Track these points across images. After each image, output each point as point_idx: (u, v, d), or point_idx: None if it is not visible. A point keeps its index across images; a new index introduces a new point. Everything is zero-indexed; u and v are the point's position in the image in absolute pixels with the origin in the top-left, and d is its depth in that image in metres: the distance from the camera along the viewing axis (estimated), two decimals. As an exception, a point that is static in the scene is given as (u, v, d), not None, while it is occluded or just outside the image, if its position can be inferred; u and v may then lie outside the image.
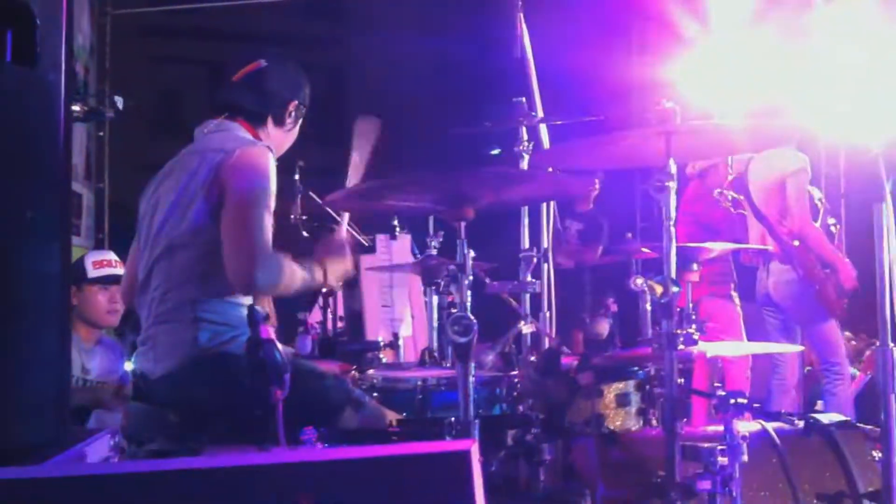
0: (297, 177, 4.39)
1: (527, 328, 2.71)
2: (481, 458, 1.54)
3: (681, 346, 2.16)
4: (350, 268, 2.87)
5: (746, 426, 2.19)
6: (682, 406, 2.12)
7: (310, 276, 2.68)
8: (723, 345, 4.77)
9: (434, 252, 3.31)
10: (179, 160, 2.71)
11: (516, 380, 2.49)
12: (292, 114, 2.85)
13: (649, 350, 2.53)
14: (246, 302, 2.59)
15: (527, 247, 2.93)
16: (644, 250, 3.00)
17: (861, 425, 2.61)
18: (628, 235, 3.53)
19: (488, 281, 2.69)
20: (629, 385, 2.51)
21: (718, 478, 2.08)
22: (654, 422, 2.51)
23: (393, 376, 3.17)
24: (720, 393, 2.24)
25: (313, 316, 4.10)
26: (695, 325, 2.38)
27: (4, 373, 1.59)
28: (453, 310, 2.11)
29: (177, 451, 2.22)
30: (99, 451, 1.87)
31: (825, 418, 2.55)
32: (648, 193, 2.27)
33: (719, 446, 2.10)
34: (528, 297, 2.80)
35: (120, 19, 6.88)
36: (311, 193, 4.34)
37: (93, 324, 3.98)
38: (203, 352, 2.53)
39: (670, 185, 2.19)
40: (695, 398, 2.90)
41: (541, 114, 3.17)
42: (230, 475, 1.46)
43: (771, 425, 2.50)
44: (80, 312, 3.92)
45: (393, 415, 2.71)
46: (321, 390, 2.62)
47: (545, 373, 2.34)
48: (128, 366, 3.84)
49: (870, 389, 5.50)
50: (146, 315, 2.67)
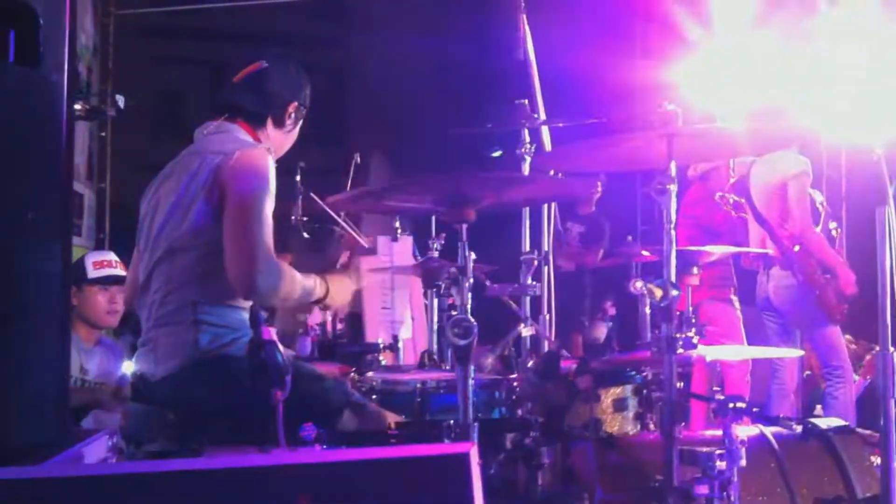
0: (297, 178, 4.40)
1: (526, 331, 2.71)
2: (480, 461, 1.54)
3: (680, 350, 2.16)
4: (351, 296, 2.88)
5: (745, 431, 2.19)
6: (681, 410, 2.12)
7: (311, 287, 2.67)
8: (722, 349, 4.79)
9: (435, 254, 3.31)
10: (179, 162, 2.71)
11: (515, 383, 2.49)
12: (292, 115, 2.85)
13: (648, 354, 2.54)
14: (246, 304, 2.59)
15: (527, 250, 2.93)
16: (644, 253, 3.00)
17: (859, 430, 2.61)
18: (629, 238, 3.53)
19: (489, 283, 2.69)
20: (626, 390, 2.51)
21: (716, 482, 2.08)
22: (651, 426, 2.51)
23: (392, 379, 3.17)
24: (719, 397, 2.24)
25: (313, 318, 4.10)
26: (694, 329, 2.39)
27: (5, 373, 1.59)
28: (453, 312, 2.11)
29: (177, 453, 2.21)
30: (97, 452, 1.87)
31: (824, 423, 2.56)
32: (649, 196, 2.26)
33: (717, 451, 2.10)
34: (528, 299, 2.80)
35: (123, 20, 6.90)
36: (311, 194, 4.35)
37: (92, 324, 3.98)
38: (203, 354, 2.53)
39: (671, 187, 2.19)
40: (693, 402, 2.90)
41: (543, 116, 3.17)
42: (230, 477, 1.46)
43: (769, 430, 2.50)
44: (80, 313, 3.92)
45: (393, 417, 2.71)
46: (321, 393, 2.62)
47: (544, 376, 2.34)
48: (126, 367, 3.84)
49: (869, 394, 5.50)
50: (146, 317, 2.66)
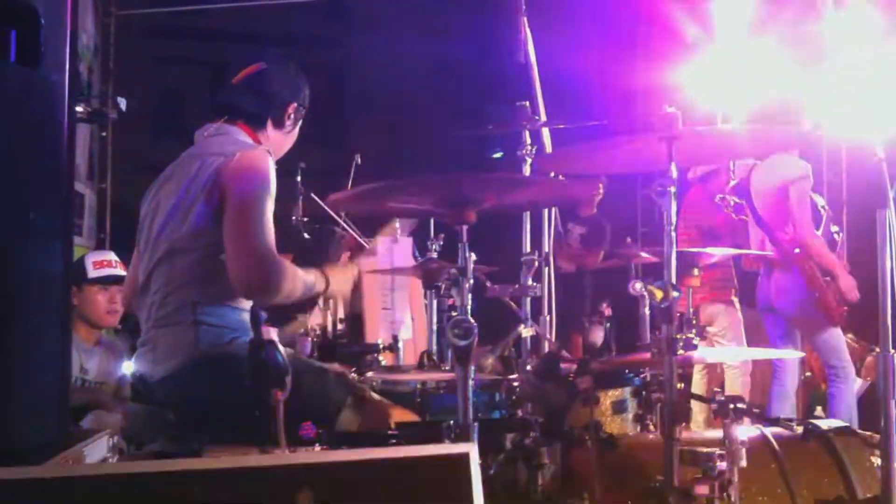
0: (298, 178, 4.40)
1: (527, 332, 2.71)
2: (480, 462, 1.54)
3: (680, 352, 2.16)
4: (351, 285, 2.88)
5: (745, 431, 2.18)
6: (682, 411, 2.11)
7: (312, 282, 2.68)
8: (723, 350, 4.79)
9: (435, 255, 3.31)
10: (180, 164, 2.72)
11: (516, 384, 2.49)
12: (291, 116, 2.85)
13: (647, 355, 2.54)
14: (246, 305, 2.59)
15: (528, 251, 2.93)
16: (644, 255, 3.00)
17: (860, 431, 2.61)
18: (628, 240, 3.53)
19: (489, 284, 2.69)
20: (626, 391, 2.51)
21: (717, 483, 2.08)
22: (651, 427, 2.51)
23: (392, 379, 3.17)
24: (719, 398, 2.24)
25: (313, 319, 4.10)
26: (695, 331, 2.39)
27: (5, 373, 1.59)
28: (454, 313, 2.11)
29: (177, 453, 2.21)
30: (97, 452, 1.87)
31: (824, 424, 2.55)
32: (650, 198, 2.26)
33: (718, 451, 2.10)
34: (528, 300, 2.80)
35: (124, 20, 6.89)
36: (312, 195, 4.35)
37: (93, 324, 3.98)
38: (203, 354, 2.54)
39: (672, 189, 2.19)
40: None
41: (544, 117, 3.17)
42: (230, 477, 1.46)
43: (770, 430, 2.49)
44: (80, 312, 3.93)
45: (397, 409, 2.72)
46: (323, 387, 2.62)
47: (545, 377, 2.34)
48: (126, 368, 3.84)
49: (870, 395, 5.50)
50: (146, 318, 2.67)
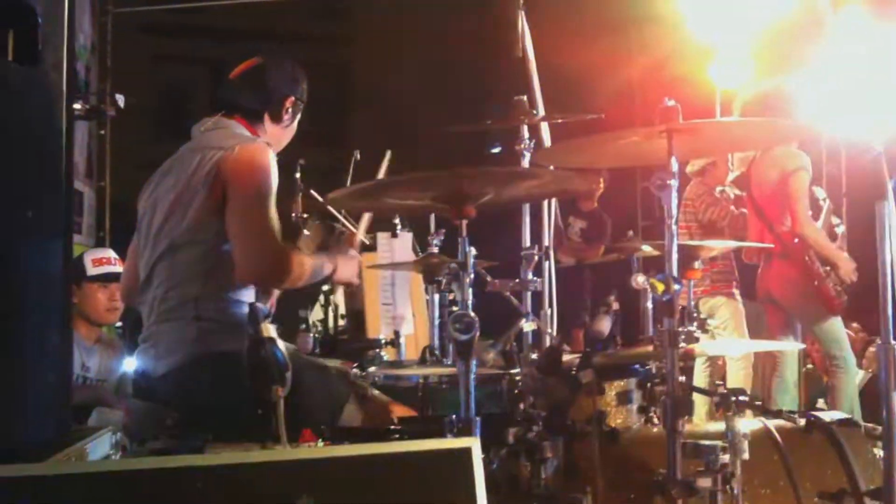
0: (298, 175, 4.39)
1: (528, 326, 2.71)
2: (482, 456, 1.54)
3: (682, 344, 2.16)
4: (357, 271, 2.88)
5: (748, 424, 2.18)
6: (684, 404, 2.11)
7: (320, 266, 2.68)
8: (724, 343, 4.79)
9: (435, 250, 3.31)
10: (178, 159, 2.71)
11: (517, 378, 2.49)
12: (289, 110, 2.85)
13: (651, 348, 2.54)
14: (248, 300, 2.59)
15: (528, 245, 2.93)
16: (645, 248, 3.00)
17: (862, 423, 2.61)
18: (629, 233, 3.53)
19: (489, 279, 2.69)
20: (630, 383, 2.51)
21: (720, 475, 2.08)
22: (655, 419, 2.51)
23: (394, 374, 3.17)
24: (721, 391, 2.24)
25: (314, 314, 4.10)
26: (696, 324, 2.39)
27: (7, 371, 1.59)
28: (455, 308, 2.11)
29: (178, 449, 2.21)
30: (100, 449, 1.87)
31: (826, 416, 2.55)
32: (650, 191, 2.26)
33: (720, 444, 2.10)
34: (529, 295, 2.80)
35: (121, 18, 6.88)
36: (312, 191, 4.35)
37: (93, 321, 3.98)
38: (205, 350, 2.53)
39: (672, 183, 2.19)
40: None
41: (542, 112, 3.17)
42: (232, 473, 1.46)
43: (772, 423, 2.50)
44: (80, 310, 3.92)
45: (398, 406, 2.72)
46: (324, 384, 2.62)
47: (546, 371, 2.33)
48: (128, 364, 3.84)
49: (871, 387, 5.50)
50: (148, 313, 2.67)
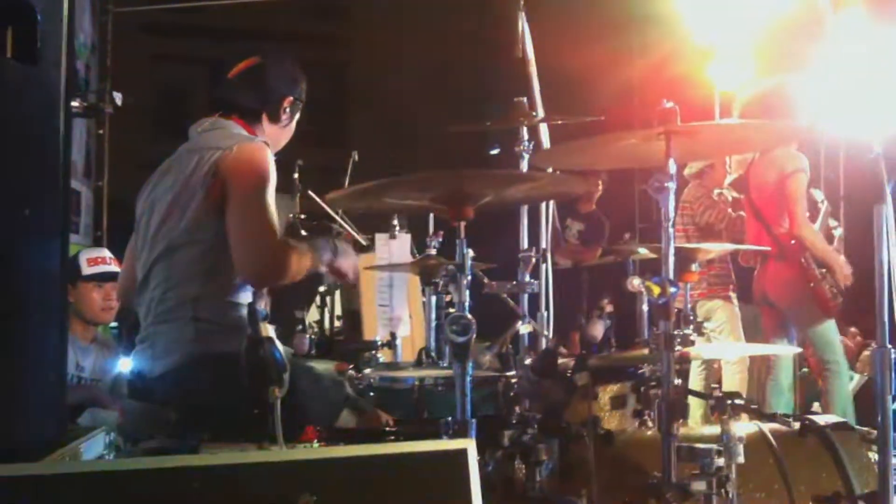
0: (296, 175, 4.40)
1: (524, 328, 2.71)
2: (478, 458, 1.54)
3: (678, 347, 2.16)
4: (356, 265, 2.87)
5: (743, 427, 2.19)
6: (679, 407, 2.12)
7: (318, 254, 2.68)
8: (719, 346, 4.79)
9: (433, 252, 3.31)
10: (176, 159, 2.71)
11: (513, 380, 2.49)
12: (287, 110, 2.84)
13: (646, 351, 2.54)
14: (245, 301, 2.59)
15: (526, 247, 2.93)
16: (642, 251, 3.00)
17: (857, 427, 2.61)
18: (626, 236, 3.53)
19: (487, 281, 2.69)
20: (625, 387, 2.51)
21: (714, 479, 2.08)
22: (650, 423, 2.52)
23: (390, 376, 3.17)
24: (717, 394, 2.24)
25: (311, 315, 4.10)
26: (692, 327, 2.39)
27: (3, 370, 1.59)
28: (452, 309, 2.12)
29: (175, 450, 2.22)
30: (94, 449, 1.87)
31: (821, 420, 2.56)
32: (647, 194, 2.26)
33: (715, 447, 2.11)
34: (526, 297, 2.80)
35: (121, 17, 6.87)
36: (310, 192, 4.36)
37: (88, 321, 3.97)
38: (202, 350, 2.53)
39: (670, 185, 2.19)
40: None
41: (541, 113, 3.17)
42: (228, 473, 1.46)
43: (767, 426, 2.50)
44: (76, 310, 3.91)
45: (390, 418, 2.72)
46: (319, 391, 2.62)
47: (542, 373, 2.34)
48: (123, 364, 3.84)
49: (866, 390, 5.50)
50: (145, 314, 2.66)
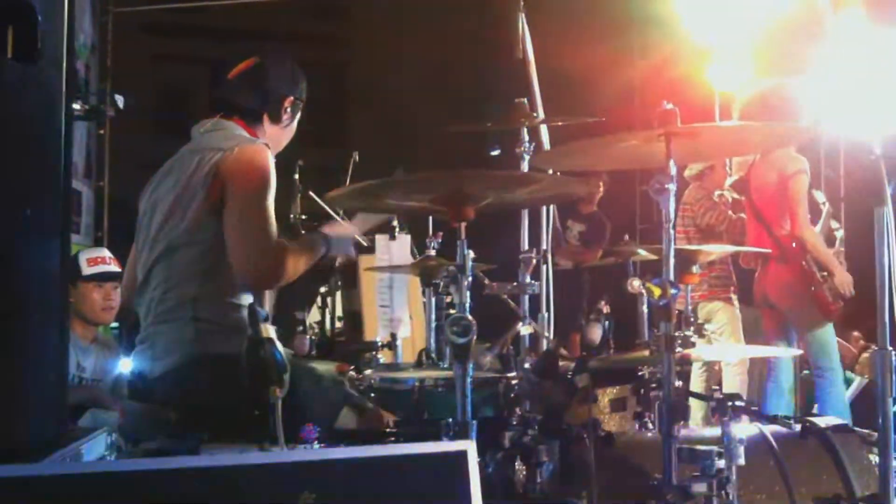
0: (296, 176, 4.40)
1: (525, 330, 2.71)
2: (478, 460, 1.54)
3: (679, 349, 2.16)
4: (353, 244, 2.87)
5: (743, 429, 2.19)
6: (680, 409, 2.11)
7: (314, 254, 2.69)
8: (720, 348, 4.79)
9: (433, 253, 3.31)
10: (177, 160, 2.71)
11: (514, 381, 2.49)
12: (288, 110, 2.84)
13: (646, 353, 2.54)
14: (245, 301, 2.59)
15: (526, 248, 2.93)
16: (643, 252, 3.00)
17: (858, 429, 2.61)
18: (626, 237, 3.53)
19: (487, 282, 2.69)
20: (625, 389, 2.51)
21: (715, 481, 2.08)
22: (650, 425, 2.51)
23: (390, 377, 3.17)
24: (717, 396, 2.24)
25: (312, 316, 4.10)
26: (693, 328, 2.39)
27: (3, 371, 1.59)
28: (452, 310, 2.11)
29: (175, 450, 2.21)
30: (95, 450, 1.87)
31: (822, 422, 2.56)
32: (648, 195, 2.26)
33: (716, 449, 2.10)
34: (526, 298, 2.80)
35: (121, 17, 6.87)
36: (310, 193, 4.35)
37: (89, 321, 3.97)
38: (202, 351, 2.53)
39: (670, 186, 2.19)
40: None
41: (542, 114, 3.17)
42: (228, 474, 1.46)
43: (768, 428, 2.50)
44: (76, 310, 3.91)
45: (391, 417, 2.71)
46: (319, 391, 2.62)
47: (543, 375, 2.34)
48: (123, 365, 3.83)
49: (867, 393, 5.50)
50: (145, 314, 2.66)
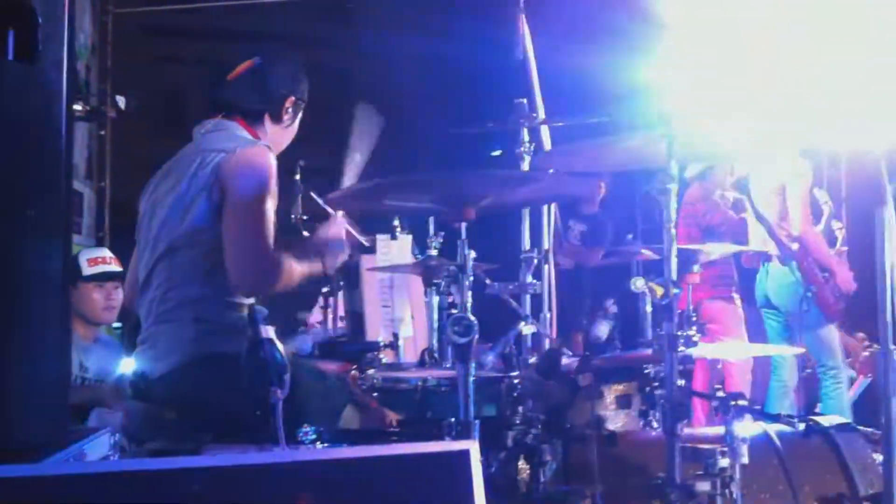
0: (298, 176, 4.39)
1: (527, 329, 2.71)
2: (481, 459, 1.54)
3: (681, 348, 2.16)
4: (346, 253, 2.86)
5: (747, 428, 2.18)
6: (683, 408, 2.11)
7: (307, 270, 2.68)
8: (722, 347, 4.79)
9: (435, 252, 3.30)
10: (179, 160, 2.71)
11: (516, 381, 2.49)
12: (289, 110, 2.84)
13: (650, 352, 2.53)
14: (246, 302, 2.59)
15: (528, 248, 2.93)
16: (645, 252, 3.00)
17: (862, 428, 2.61)
18: (629, 236, 3.53)
19: (489, 282, 2.68)
20: (630, 387, 2.51)
21: (718, 479, 2.08)
22: (654, 423, 2.51)
23: (393, 377, 3.17)
24: (720, 395, 2.24)
25: (314, 316, 4.09)
26: (695, 328, 2.38)
27: (5, 371, 1.58)
28: (454, 310, 2.11)
29: (176, 451, 2.21)
30: (98, 450, 1.86)
31: (825, 421, 2.55)
32: (649, 195, 2.26)
33: (720, 448, 2.10)
34: (528, 298, 2.80)
35: (122, 18, 6.86)
36: (312, 193, 4.35)
37: (90, 321, 3.97)
38: (203, 351, 2.53)
39: (671, 186, 2.19)
40: (695, 400, 2.88)
41: (542, 115, 3.17)
42: (230, 474, 1.45)
43: (772, 427, 2.50)
44: (77, 310, 3.90)
45: (394, 417, 2.71)
46: (322, 390, 2.62)
47: (545, 374, 2.34)
48: (125, 366, 3.83)
49: (870, 392, 5.50)
50: (146, 314, 2.66)
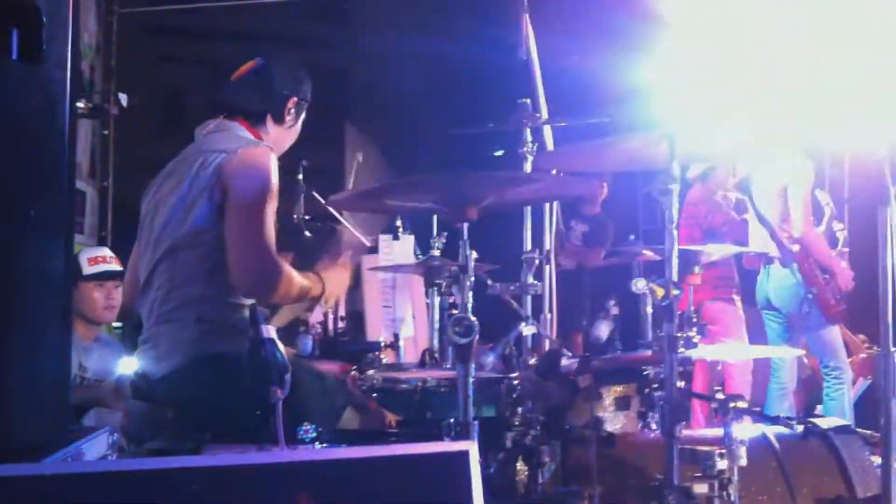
0: (300, 176, 4.40)
1: (528, 330, 2.71)
2: (480, 460, 1.54)
3: (681, 350, 2.16)
4: (347, 286, 2.86)
5: (746, 430, 2.19)
6: (682, 410, 2.11)
7: (308, 286, 2.67)
8: (722, 348, 4.79)
9: (436, 253, 3.31)
10: (181, 161, 2.71)
11: (516, 382, 2.49)
12: (292, 110, 2.84)
13: (650, 353, 2.54)
14: (248, 302, 2.59)
15: (529, 249, 2.93)
16: (646, 253, 3.00)
17: (860, 430, 2.61)
18: (631, 238, 3.53)
19: (490, 282, 2.69)
20: (629, 388, 2.51)
21: (717, 481, 2.09)
22: (653, 425, 2.51)
23: (393, 377, 3.17)
24: (719, 397, 2.24)
25: (314, 316, 4.09)
26: (696, 329, 2.39)
27: (5, 370, 1.59)
28: (454, 311, 2.12)
29: (177, 450, 2.22)
30: (97, 450, 1.87)
31: (824, 423, 2.56)
32: (651, 196, 2.26)
33: (718, 450, 2.11)
34: (529, 298, 2.80)
35: (126, 18, 6.87)
36: (314, 193, 4.35)
37: (90, 320, 3.97)
38: (205, 351, 2.54)
39: (673, 187, 2.19)
40: (695, 401, 2.88)
41: (545, 115, 3.17)
42: (230, 474, 1.46)
43: (770, 429, 2.50)
44: (77, 310, 3.90)
45: (394, 418, 2.71)
46: (322, 391, 2.62)
47: (545, 375, 2.34)
48: (125, 364, 3.83)
49: (870, 394, 5.49)
50: (148, 315, 2.67)
